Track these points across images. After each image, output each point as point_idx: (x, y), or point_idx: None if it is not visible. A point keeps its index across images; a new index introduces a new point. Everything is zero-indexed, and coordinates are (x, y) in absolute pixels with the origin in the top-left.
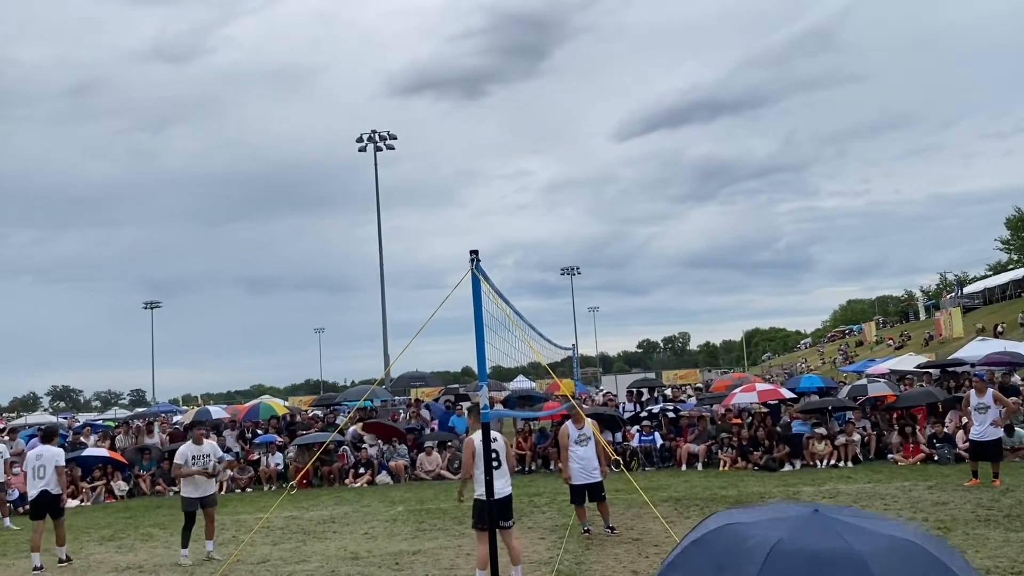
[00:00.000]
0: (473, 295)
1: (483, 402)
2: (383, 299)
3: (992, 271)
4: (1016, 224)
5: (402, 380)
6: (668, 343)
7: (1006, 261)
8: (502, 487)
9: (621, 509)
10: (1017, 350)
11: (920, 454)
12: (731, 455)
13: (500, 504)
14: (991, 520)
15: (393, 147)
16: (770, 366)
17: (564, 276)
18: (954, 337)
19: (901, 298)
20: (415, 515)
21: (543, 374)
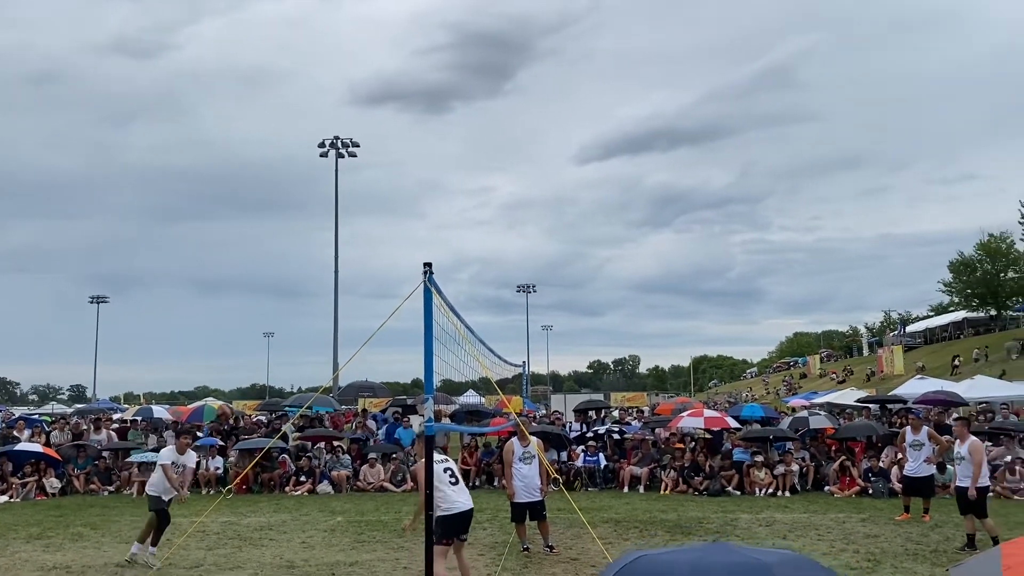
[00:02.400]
0: (424, 307)
1: (428, 414)
2: (336, 306)
3: (934, 312)
4: (958, 268)
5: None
6: (618, 365)
7: (947, 303)
8: (466, 501)
9: (561, 528)
10: (954, 390)
11: (856, 487)
12: (673, 479)
13: (463, 517)
14: (919, 555)
15: (355, 155)
16: (716, 393)
17: (519, 293)
18: (895, 374)
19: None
20: (355, 526)
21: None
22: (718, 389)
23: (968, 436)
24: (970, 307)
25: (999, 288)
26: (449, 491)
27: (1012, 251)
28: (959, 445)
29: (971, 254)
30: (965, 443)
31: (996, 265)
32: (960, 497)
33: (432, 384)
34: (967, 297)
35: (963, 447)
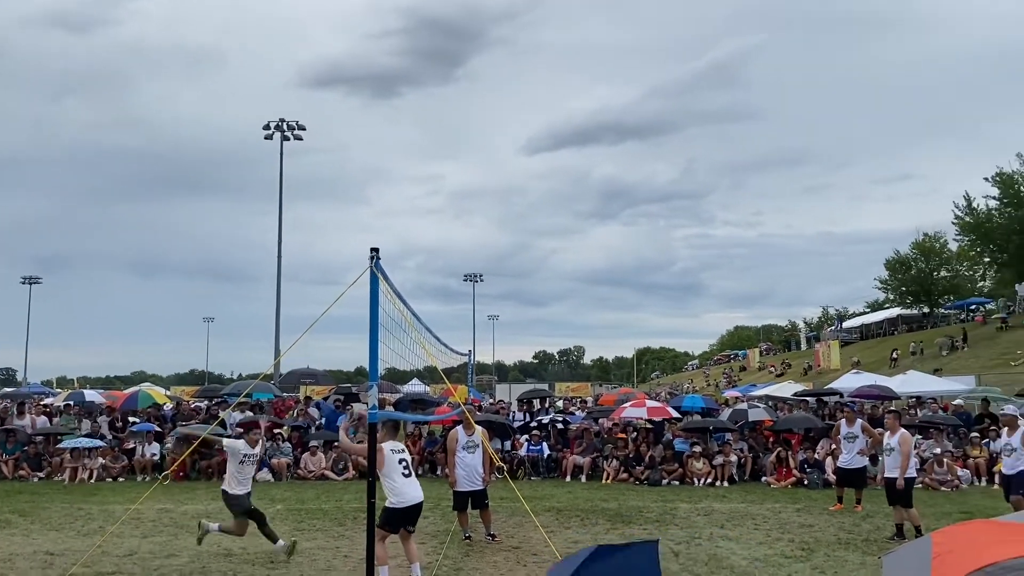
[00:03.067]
0: (370, 293)
1: (372, 402)
2: (278, 292)
3: (870, 308)
4: (894, 266)
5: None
6: (563, 356)
7: (883, 300)
8: (416, 494)
9: (504, 517)
10: (887, 384)
11: (791, 478)
12: (615, 468)
13: (413, 511)
14: (851, 543)
15: (301, 138)
16: (658, 384)
17: (467, 283)
18: (831, 368)
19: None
20: (294, 514)
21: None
22: (660, 380)
23: (899, 428)
24: (904, 304)
25: (932, 286)
26: (401, 483)
27: (945, 251)
28: (889, 437)
29: (907, 253)
30: (895, 435)
31: (930, 264)
32: (888, 487)
33: (377, 371)
34: (902, 295)
35: (893, 439)
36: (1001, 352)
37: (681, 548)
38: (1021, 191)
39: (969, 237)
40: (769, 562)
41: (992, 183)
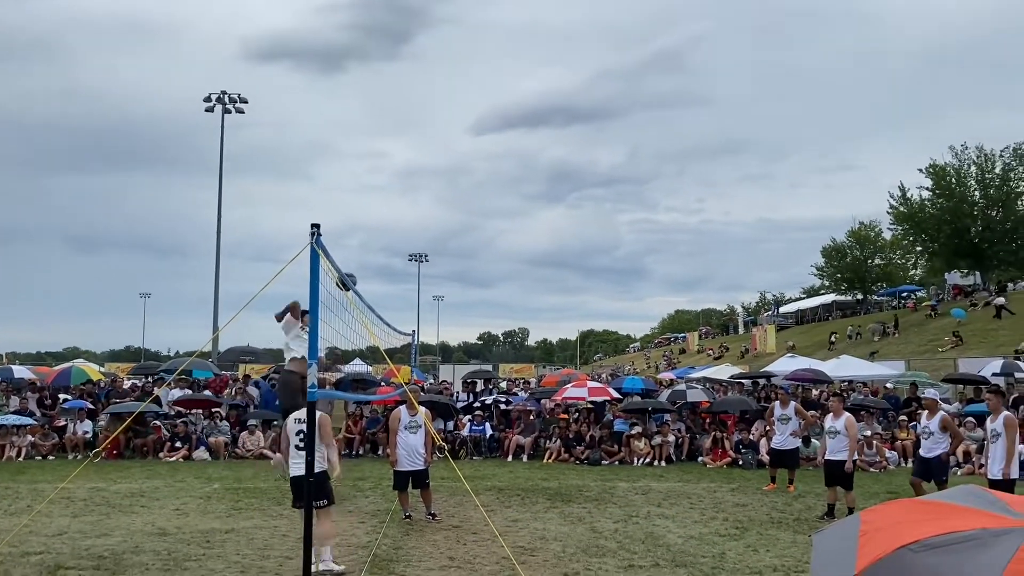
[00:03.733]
0: (311, 270)
1: (312, 380)
2: (217, 268)
3: (806, 294)
4: (830, 253)
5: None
6: (508, 337)
7: (819, 286)
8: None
9: (444, 496)
10: (821, 368)
11: (727, 458)
12: (556, 448)
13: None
14: (783, 522)
15: (243, 111)
16: (600, 366)
17: (411, 262)
18: (767, 352)
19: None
20: (232, 493)
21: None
22: (603, 362)
23: (843, 412)
24: (839, 291)
25: (866, 274)
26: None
27: (880, 239)
28: (833, 420)
29: (842, 241)
30: (840, 418)
31: (865, 252)
32: (831, 469)
33: (316, 348)
34: (837, 281)
35: (838, 422)
36: (929, 339)
37: (619, 526)
38: (953, 183)
39: (903, 227)
40: (704, 540)
41: (926, 175)
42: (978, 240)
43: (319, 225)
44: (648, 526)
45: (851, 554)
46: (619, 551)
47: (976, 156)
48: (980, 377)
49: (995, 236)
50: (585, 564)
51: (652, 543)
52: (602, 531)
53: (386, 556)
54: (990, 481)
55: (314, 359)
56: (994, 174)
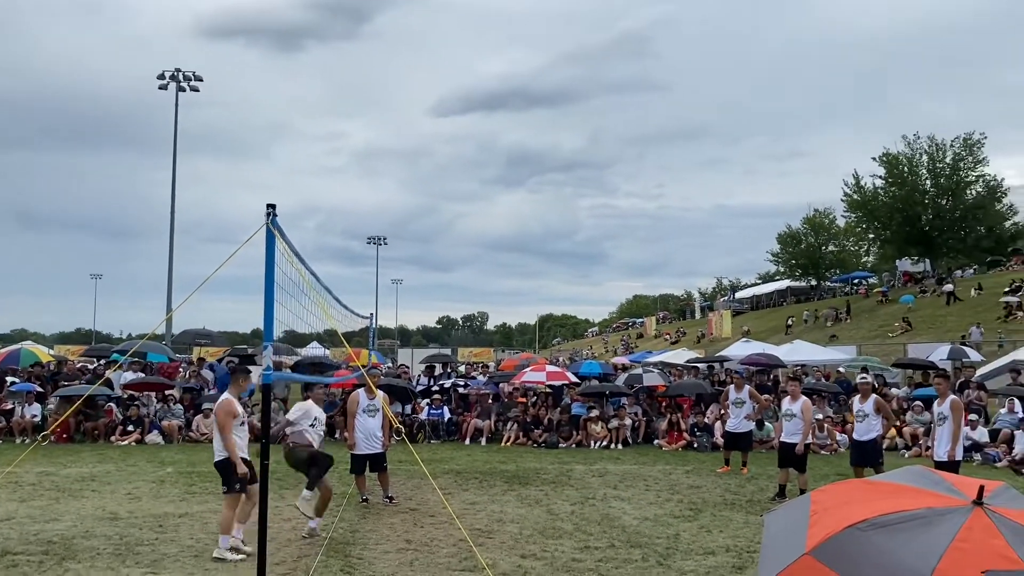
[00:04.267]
0: (266, 251)
1: (267, 363)
2: (171, 249)
3: (761, 280)
4: (785, 239)
5: (185, 336)
6: (467, 321)
7: (774, 272)
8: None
9: (402, 480)
10: (775, 353)
11: (682, 441)
12: (514, 431)
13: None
14: (736, 504)
15: (198, 89)
16: (559, 350)
17: (370, 245)
18: (723, 337)
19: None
20: (185, 477)
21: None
22: (561, 347)
23: (800, 396)
24: (793, 277)
25: (820, 260)
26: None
27: (833, 226)
28: (790, 403)
29: (797, 228)
30: (797, 402)
31: (819, 238)
32: (785, 451)
33: (272, 331)
34: (791, 267)
35: (795, 405)
36: (880, 324)
37: (575, 508)
38: (905, 172)
39: (856, 214)
40: (659, 521)
41: (879, 163)
42: (928, 228)
43: (275, 206)
44: (604, 508)
45: (801, 533)
46: (575, 533)
47: (928, 146)
48: (928, 362)
49: (945, 224)
50: (542, 546)
51: (608, 524)
52: (559, 513)
53: (343, 539)
54: (936, 463)
55: (269, 341)
56: (945, 164)
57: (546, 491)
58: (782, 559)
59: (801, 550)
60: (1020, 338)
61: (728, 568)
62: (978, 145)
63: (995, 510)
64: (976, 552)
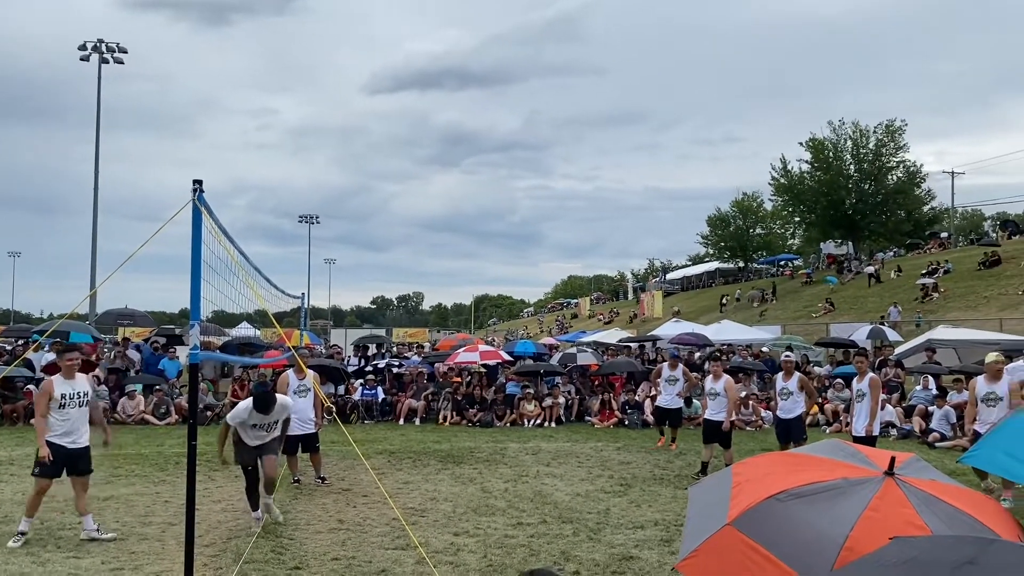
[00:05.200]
0: (192, 228)
1: (194, 342)
2: (95, 226)
3: (692, 262)
4: (715, 222)
5: (108, 316)
6: (402, 301)
7: (704, 254)
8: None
9: (335, 460)
10: (703, 332)
11: (614, 418)
12: (449, 411)
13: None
14: (664, 479)
15: (122, 61)
16: (495, 331)
17: (302, 224)
18: (654, 317)
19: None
20: (110, 460)
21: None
22: (497, 327)
23: (723, 375)
24: (722, 259)
25: (748, 242)
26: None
27: (761, 210)
28: (713, 381)
29: (727, 211)
30: (720, 380)
31: (747, 221)
32: (710, 428)
33: (199, 310)
34: (720, 249)
35: (718, 384)
36: (804, 305)
37: (508, 486)
38: (830, 157)
39: (783, 198)
40: (590, 497)
41: (806, 148)
42: (852, 212)
43: (201, 182)
44: (537, 485)
45: (724, 504)
46: (508, 510)
47: (852, 132)
48: (850, 341)
49: (867, 208)
50: (475, 523)
51: (540, 501)
52: (492, 491)
53: (273, 520)
54: (854, 437)
55: (196, 320)
56: (868, 149)
57: (480, 469)
58: (705, 530)
59: (723, 521)
60: (936, 318)
61: (656, 541)
62: (899, 132)
63: (905, 480)
64: (886, 520)
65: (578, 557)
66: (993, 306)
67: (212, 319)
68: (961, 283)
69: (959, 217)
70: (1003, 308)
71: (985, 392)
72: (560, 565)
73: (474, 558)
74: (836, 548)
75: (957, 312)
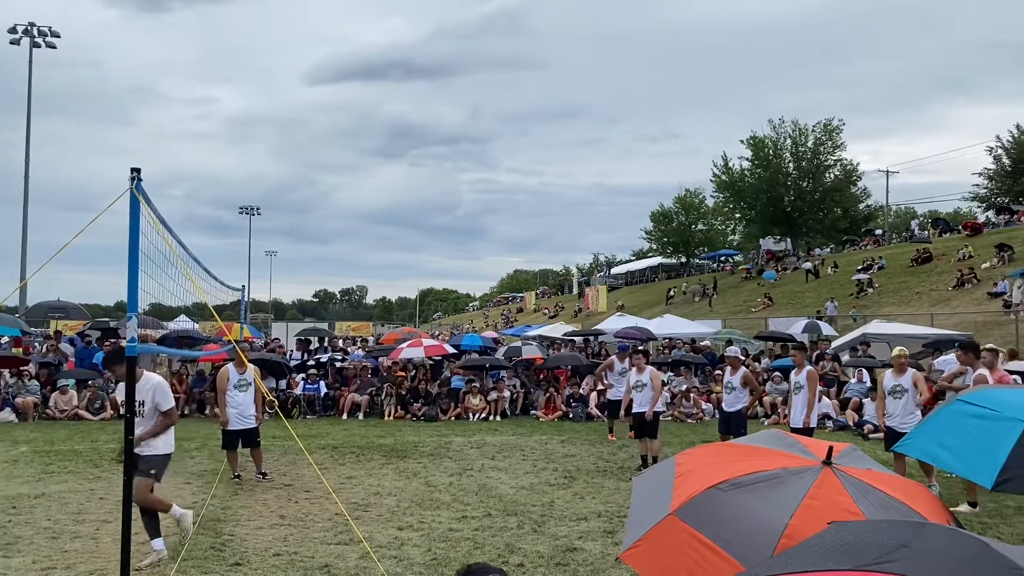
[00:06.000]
0: (130, 217)
1: (131, 335)
2: (25, 216)
3: (636, 257)
4: (658, 218)
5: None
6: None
7: (647, 249)
8: None
9: (276, 456)
10: (646, 326)
11: (559, 412)
12: (393, 405)
13: None
14: (607, 471)
15: (54, 46)
16: (440, 324)
17: (243, 215)
18: (599, 311)
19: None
20: (41, 456)
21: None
22: (442, 321)
23: (646, 366)
24: (665, 254)
25: (690, 238)
26: None
27: (703, 206)
28: (638, 374)
29: (669, 207)
30: (644, 372)
31: (689, 217)
32: (637, 420)
33: (136, 302)
34: (663, 245)
35: (643, 375)
36: (744, 299)
37: (453, 480)
38: (770, 155)
39: (724, 194)
40: (534, 490)
41: (747, 146)
42: (790, 209)
43: (139, 170)
44: (482, 478)
45: (667, 494)
46: (453, 503)
47: (792, 130)
48: (787, 335)
49: (805, 206)
50: (419, 517)
51: (485, 494)
52: (436, 485)
53: (213, 516)
54: (792, 429)
55: (134, 312)
56: (807, 148)
57: (424, 464)
58: (648, 520)
59: (666, 510)
60: (870, 313)
61: (599, 532)
62: (837, 131)
63: (842, 469)
64: (824, 508)
65: (522, 549)
66: (925, 301)
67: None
68: (894, 279)
69: (893, 215)
70: (934, 303)
71: (892, 385)
72: (504, 558)
73: (418, 552)
74: (776, 536)
75: (891, 307)
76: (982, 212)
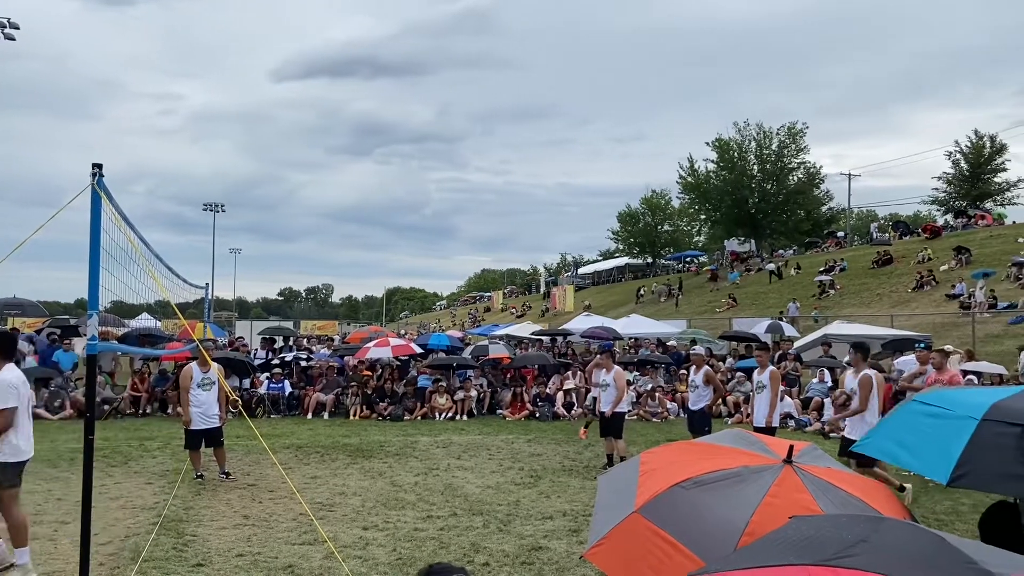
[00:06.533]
0: (91, 213)
1: (92, 333)
2: None
3: (603, 257)
4: (625, 218)
5: None
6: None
7: (614, 250)
8: None
9: (240, 455)
10: (612, 326)
11: (525, 411)
12: (359, 405)
13: None
14: (573, 470)
15: (13, 38)
16: (407, 324)
17: (206, 212)
18: (566, 311)
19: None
20: None
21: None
22: (409, 320)
23: (612, 366)
24: (631, 254)
25: (656, 239)
26: None
27: (669, 207)
28: (605, 374)
29: (636, 207)
30: (610, 372)
31: (655, 218)
32: (604, 421)
33: (97, 300)
34: (630, 245)
35: (608, 376)
36: (708, 300)
37: (419, 479)
38: (735, 157)
39: (690, 196)
40: (500, 489)
41: (712, 148)
42: (755, 211)
43: (101, 166)
44: (448, 478)
45: (631, 492)
46: (418, 503)
47: (756, 133)
48: (751, 335)
49: (769, 208)
50: (384, 517)
51: (451, 494)
52: (402, 484)
53: (175, 516)
54: (755, 428)
55: (95, 310)
56: (771, 150)
57: (390, 463)
58: (613, 518)
59: (630, 508)
60: (832, 314)
61: (564, 531)
62: (800, 134)
63: (803, 468)
64: (785, 505)
65: (488, 549)
66: (885, 303)
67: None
68: (856, 280)
69: (855, 217)
70: (894, 304)
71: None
72: (470, 557)
73: (383, 552)
74: (737, 533)
75: (852, 308)
76: (941, 215)
